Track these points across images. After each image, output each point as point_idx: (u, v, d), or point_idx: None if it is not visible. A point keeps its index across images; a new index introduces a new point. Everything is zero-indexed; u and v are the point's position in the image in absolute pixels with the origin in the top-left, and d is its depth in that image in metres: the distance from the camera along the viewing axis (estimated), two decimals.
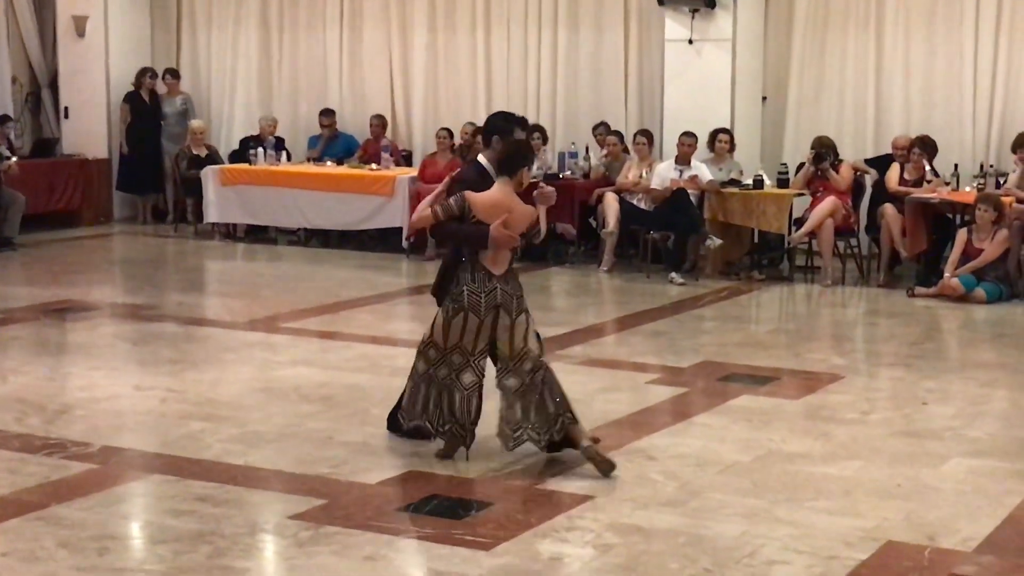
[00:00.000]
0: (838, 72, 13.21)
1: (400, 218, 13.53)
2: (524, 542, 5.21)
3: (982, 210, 10.93)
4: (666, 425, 7.09)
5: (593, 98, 14.21)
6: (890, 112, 13.00)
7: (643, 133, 12.90)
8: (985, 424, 7.11)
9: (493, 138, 6.45)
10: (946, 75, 12.75)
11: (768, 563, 5.02)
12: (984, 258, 10.88)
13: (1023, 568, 4.96)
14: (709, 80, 12.91)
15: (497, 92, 14.75)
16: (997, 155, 12.39)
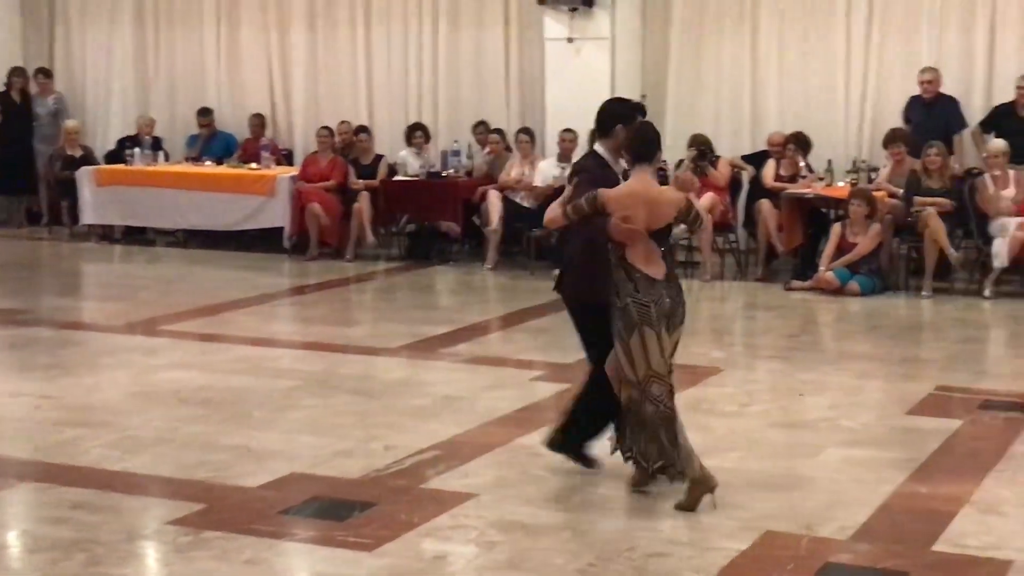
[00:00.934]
0: (715, 70, 13.39)
1: (281, 217, 13.43)
2: (407, 542, 5.20)
3: (855, 205, 11.17)
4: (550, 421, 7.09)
5: (475, 96, 14.23)
6: (766, 109, 13.22)
7: (525, 131, 12.95)
8: (859, 414, 7.26)
9: (617, 127, 5.87)
10: (820, 73, 12.99)
11: (648, 556, 5.07)
12: (858, 252, 11.12)
13: (897, 554, 5.06)
14: (589, 78, 12.97)
15: (378, 90, 14.70)
16: (869, 151, 12.65)
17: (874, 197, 11.28)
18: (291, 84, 15.05)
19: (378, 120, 14.60)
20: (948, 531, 5.29)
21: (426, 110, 14.44)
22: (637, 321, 5.50)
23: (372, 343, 9.26)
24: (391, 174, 13.44)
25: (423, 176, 13.30)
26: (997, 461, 6.27)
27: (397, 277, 12.53)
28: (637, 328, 5.50)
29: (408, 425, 6.99)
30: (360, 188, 13.23)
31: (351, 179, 13.35)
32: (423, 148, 13.55)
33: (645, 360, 5.53)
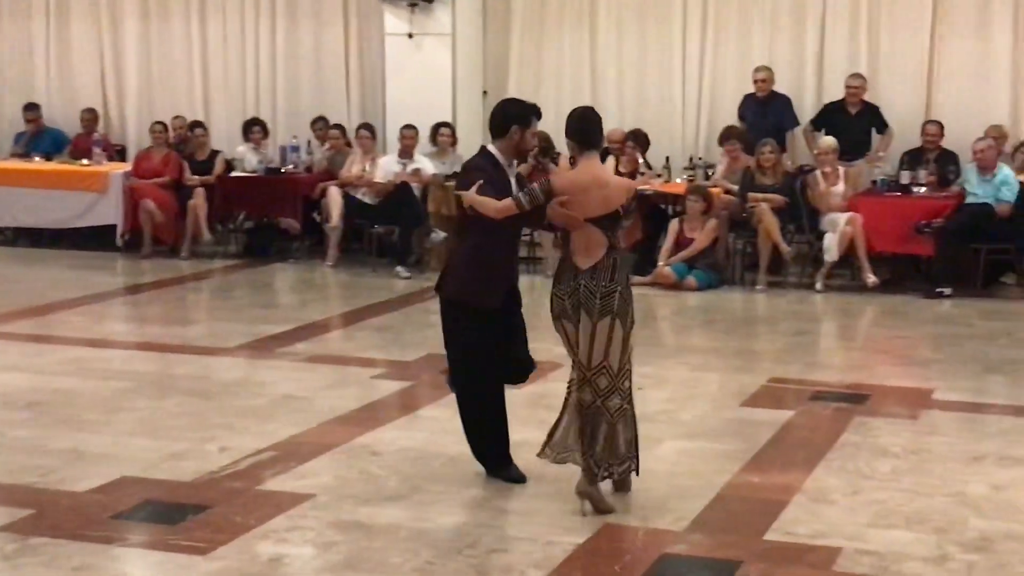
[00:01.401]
0: (555, 68, 13.48)
1: (114, 215, 13.12)
2: (243, 545, 5.11)
3: (692, 201, 11.36)
4: (391, 419, 7.08)
5: (314, 91, 14.10)
6: (605, 107, 13.30)
7: (366, 127, 12.85)
8: (696, 407, 7.38)
9: (512, 127, 5.79)
10: (657, 72, 13.18)
11: (489, 552, 5.08)
12: (695, 247, 11.31)
13: (731, 544, 5.15)
14: (430, 74, 12.97)
15: (214, 85, 14.46)
16: (706, 148, 12.89)
17: (710, 193, 11.49)
18: (124, 78, 14.72)
19: (215, 115, 14.36)
20: (780, 520, 5.41)
21: (264, 105, 14.25)
22: (556, 314, 5.57)
23: (208, 343, 9.09)
24: (228, 170, 13.22)
25: (261, 172, 13.11)
26: (827, 451, 6.43)
27: (235, 275, 12.33)
28: (558, 320, 5.57)
29: (244, 426, 6.87)
30: (196, 184, 12.98)
31: (186, 175, 13.10)
32: (261, 144, 13.36)
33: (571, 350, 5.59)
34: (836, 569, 4.88)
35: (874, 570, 4.89)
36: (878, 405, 7.34)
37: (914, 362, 8.77)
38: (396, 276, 11.78)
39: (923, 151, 11.86)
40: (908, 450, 6.47)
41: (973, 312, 10.28)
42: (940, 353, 8.93)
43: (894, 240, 11.23)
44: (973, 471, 6.13)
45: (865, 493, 5.79)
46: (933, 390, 7.70)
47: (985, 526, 5.35)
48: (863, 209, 11.21)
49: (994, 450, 6.47)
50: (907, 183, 11.48)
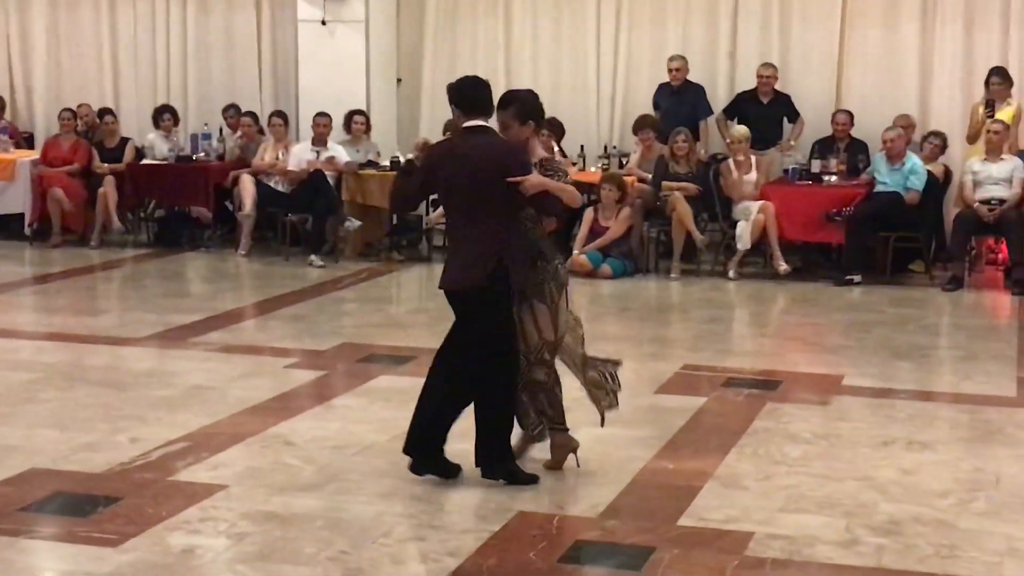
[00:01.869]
0: (470, 55, 13.46)
1: (22, 203, 12.90)
2: (154, 536, 5.05)
3: (606, 189, 11.41)
4: (305, 409, 7.03)
5: (226, 78, 13.96)
6: None
7: (278, 114, 12.75)
8: None
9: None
10: (572, 60, 13.22)
11: (404, 541, 5.07)
12: (609, 235, 11.36)
13: (644, 530, 5.18)
14: (343, 61, 12.90)
15: (124, 71, 14.28)
16: (620, 137, 12.96)
17: (624, 182, 11.55)
18: (31, 65, 14.49)
19: (124, 102, 14.17)
20: (693, 506, 5.45)
21: (175, 92, 14.08)
22: (564, 281, 5.74)
23: (119, 333, 8.97)
24: (138, 158, 13.05)
25: (172, 160, 12.96)
26: (740, 436, 6.50)
27: (146, 264, 12.17)
28: (564, 287, 5.74)
29: (156, 417, 6.79)
30: (105, 172, 12.80)
31: (95, 163, 12.91)
32: (171, 131, 13.20)
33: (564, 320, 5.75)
34: (748, 553, 4.94)
35: (785, 554, 4.95)
36: (789, 391, 7.44)
37: (824, 349, 8.90)
38: (310, 265, 11.71)
39: (833, 140, 12.03)
40: (818, 435, 6.56)
41: (882, 299, 10.44)
42: (850, 340, 9.06)
43: (805, 228, 11.38)
44: (882, 456, 6.24)
45: (776, 478, 5.86)
46: (843, 376, 7.81)
47: (894, 510, 5.45)
48: (775, 197, 11.34)
49: (903, 435, 6.58)
50: (818, 172, 11.64)
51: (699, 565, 4.81)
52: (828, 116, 12.20)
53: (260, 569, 4.76)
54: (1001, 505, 5.53)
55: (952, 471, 6.01)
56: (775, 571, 4.79)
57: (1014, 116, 11.48)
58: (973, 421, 6.92)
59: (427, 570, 4.81)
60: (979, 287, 11.15)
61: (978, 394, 7.47)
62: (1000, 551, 4.99)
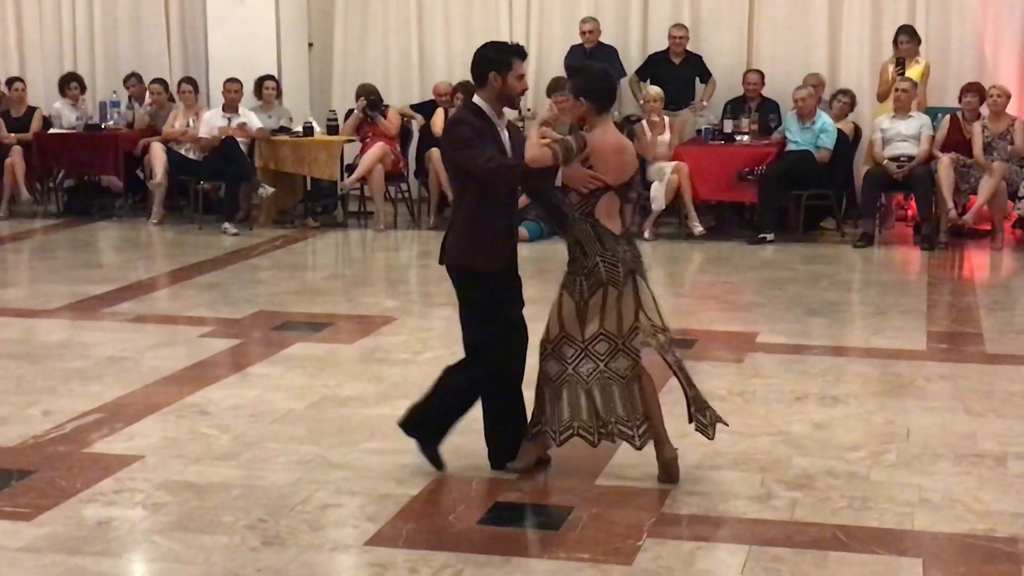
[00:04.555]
0: (382, 20, 13.37)
1: None
2: (69, 509, 4.99)
3: None
4: (221, 378, 6.97)
5: (134, 45, 13.74)
6: (433, 59, 13.31)
7: (188, 81, 12.59)
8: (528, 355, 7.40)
9: (490, 74, 5.22)
10: (484, 22, 13.16)
11: (322, 507, 5.06)
12: (523, 199, 11.33)
13: (562, 491, 5.22)
14: (253, 26, 12.74)
15: (29, 38, 13.98)
16: (535, 99, 12.93)
17: None
18: None
19: (30, 71, 13.88)
20: (610, 465, 5.49)
21: (82, 60, 13.83)
22: (605, 280, 5.21)
23: (29, 304, 8.83)
24: (46, 127, 12.81)
25: (80, 129, 12.74)
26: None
27: (55, 235, 11.97)
28: (603, 288, 5.21)
29: (69, 389, 6.70)
30: (12, 142, 12.56)
31: (2, 133, 12.65)
32: (79, 100, 12.97)
33: (600, 320, 5.23)
34: (665, 511, 4.99)
35: (701, 510, 5.01)
36: (704, 350, 7.51)
37: (739, 307, 8.99)
38: (223, 233, 11.60)
39: (745, 100, 12.12)
40: (733, 392, 6.64)
41: (795, 257, 10.57)
42: (763, 297, 9.17)
43: (718, 188, 11.48)
44: (795, 411, 6.33)
45: (692, 436, 5.87)
46: (757, 334, 7.91)
47: (807, 464, 5.53)
48: (688, 158, 11.41)
49: (815, 390, 6.68)
50: (730, 132, 11.73)
51: (617, 523, 4.85)
52: (739, 76, 12.29)
53: (177, 539, 4.73)
54: (911, 457, 5.64)
55: (864, 425, 6.11)
56: (691, 527, 4.86)
57: (922, 74, 11.64)
58: (884, 375, 7.04)
59: (346, 535, 4.80)
60: (889, 243, 11.32)
61: (889, 348, 7.60)
62: (911, 502, 5.09)
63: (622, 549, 4.63)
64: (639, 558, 4.56)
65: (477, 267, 5.36)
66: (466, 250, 5.35)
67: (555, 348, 5.35)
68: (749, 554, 4.59)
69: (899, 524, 4.89)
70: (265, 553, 4.62)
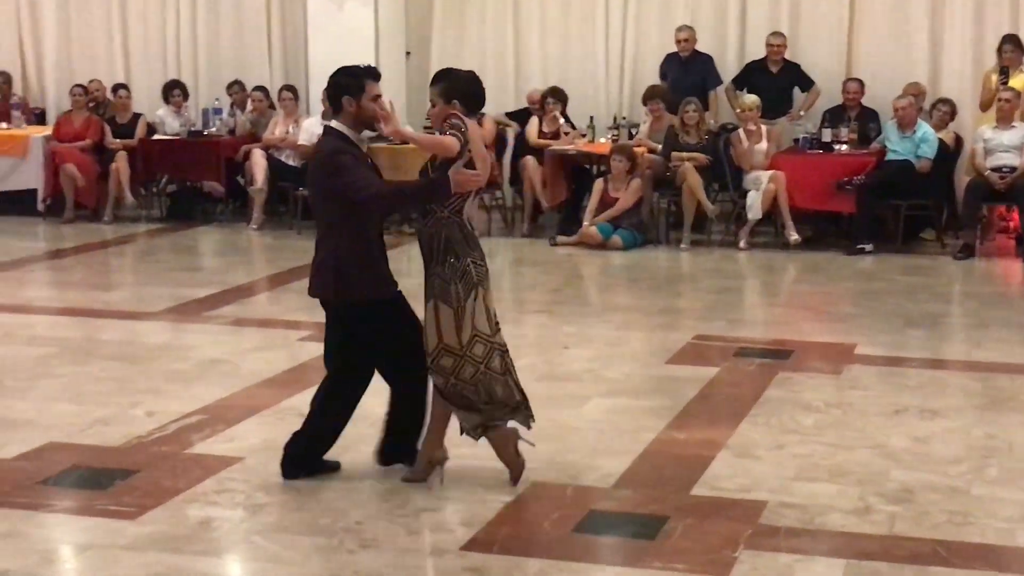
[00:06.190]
0: (478, 28, 13.44)
1: (35, 179, 12.93)
2: (171, 508, 5.09)
3: (616, 160, 11.40)
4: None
5: (236, 53, 13.94)
6: (528, 67, 13.35)
7: (288, 88, 12.76)
8: (621, 365, 7.44)
9: (344, 99, 5.40)
10: (580, 31, 13.18)
11: (418, 512, 5.10)
12: (620, 206, 11.36)
13: (657, 500, 5.21)
14: (352, 35, 12.85)
15: (134, 47, 14.26)
16: (629, 107, 12.93)
17: (634, 153, 11.55)
18: (42, 41, 14.46)
19: (135, 78, 14.16)
20: (705, 475, 5.48)
21: (185, 67, 14.08)
22: (475, 281, 5.23)
23: (133, 307, 9.01)
24: (150, 133, 13.06)
25: (183, 135, 12.97)
26: (751, 406, 6.51)
27: (158, 239, 12.21)
28: (475, 289, 5.23)
29: (171, 390, 6.83)
30: (118, 148, 12.83)
31: (108, 138, 12.93)
32: (181, 107, 13.21)
33: (472, 322, 5.22)
34: (761, 522, 4.96)
35: (798, 523, 4.97)
36: (801, 361, 7.45)
37: (836, 318, 8.90)
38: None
39: (844, 109, 12.00)
40: (831, 404, 6.58)
41: (893, 268, 10.44)
42: (861, 308, 9.07)
43: (816, 197, 11.36)
44: (894, 424, 6.25)
45: (789, 447, 5.88)
46: (855, 345, 7.82)
47: (906, 477, 5.47)
48: (785, 167, 11.32)
49: (914, 403, 6.60)
50: (829, 141, 11.61)
51: (712, 534, 4.84)
52: (838, 85, 12.16)
53: (276, 540, 4.80)
54: (1013, 472, 5.55)
55: (964, 438, 6.03)
56: (788, 540, 4.82)
57: None
58: (985, 388, 6.93)
59: (442, 540, 4.84)
60: (990, 255, 11.13)
61: (990, 361, 7.48)
62: (1013, 517, 5.01)
63: (718, 560, 4.61)
64: (735, 570, 4.54)
65: (374, 296, 5.32)
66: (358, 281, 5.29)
67: (435, 361, 5.27)
68: (847, 568, 4.55)
69: (1001, 540, 4.81)
70: (362, 556, 4.67)
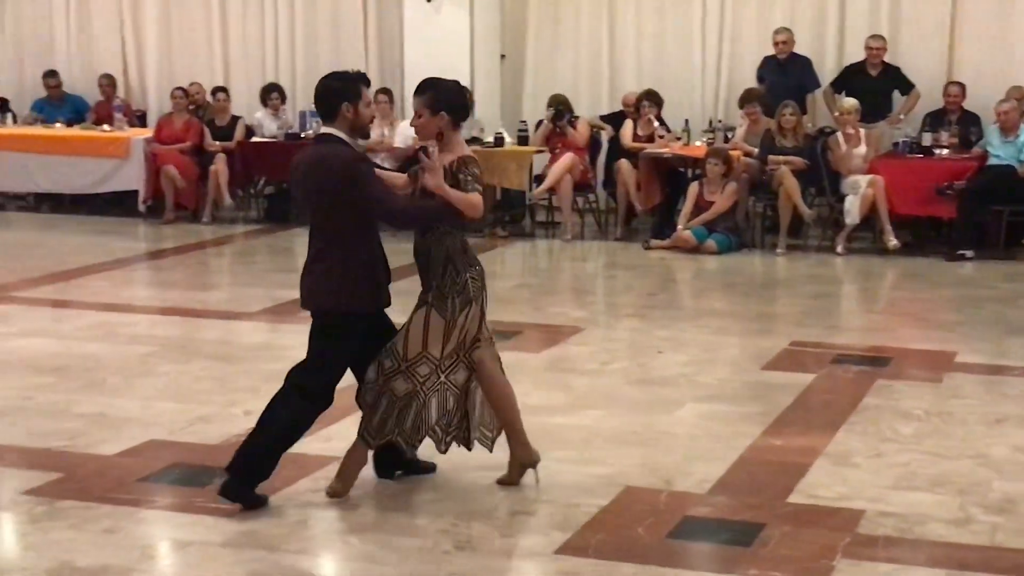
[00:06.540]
0: (573, 31, 13.44)
1: (136, 180, 13.16)
2: (269, 507, 5.14)
3: (712, 164, 11.33)
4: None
5: (332, 55, 14.05)
6: (623, 70, 13.32)
7: (384, 91, 12.84)
8: (716, 370, 7.39)
9: (343, 105, 5.26)
10: (676, 34, 13.13)
11: (512, 514, 5.11)
12: (715, 210, 11.29)
13: (753, 507, 5.17)
14: (448, 37, 12.93)
15: (233, 49, 14.46)
16: (725, 111, 12.85)
17: (730, 156, 11.46)
18: (144, 44, 14.72)
19: (234, 81, 14.36)
20: (802, 483, 5.42)
21: (283, 70, 14.25)
22: (471, 297, 5.21)
23: (230, 307, 9.13)
24: (248, 135, 13.24)
25: (281, 138, 13.13)
26: (849, 414, 6.44)
27: (256, 240, 12.36)
28: (469, 305, 5.20)
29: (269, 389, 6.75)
30: (217, 150, 13.01)
31: (207, 140, 13.13)
32: (279, 110, 13.37)
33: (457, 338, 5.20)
34: (860, 531, 4.90)
35: (897, 532, 4.90)
36: (900, 368, 7.34)
37: (936, 325, 8.75)
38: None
39: (945, 112, 11.82)
40: (930, 413, 6.48)
41: (995, 274, 10.25)
42: (962, 315, 8.91)
43: (916, 202, 11.19)
44: (995, 433, 6.14)
45: (888, 456, 5.80)
46: (955, 353, 7.69)
47: (1008, 488, 5.36)
48: (884, 171, 11.17)
49: (1016, 412, 6.47)
50: (929, 145, 11.44)
51: (810, 543, 4.78)
52: (939, 88, 11.97)
53: (372, 540, 4.84)
54: None
55: None
56: (887, 549, 4.75)
57: None
58: None
59: (536, 543, 4.84)
60: None
61: None
62: None
63: (815, 569, 4.56)
64: None
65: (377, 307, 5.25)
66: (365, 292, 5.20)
67: (410, 367, 5.18)
68: None
69: None
70: (457, 557, 4.69)
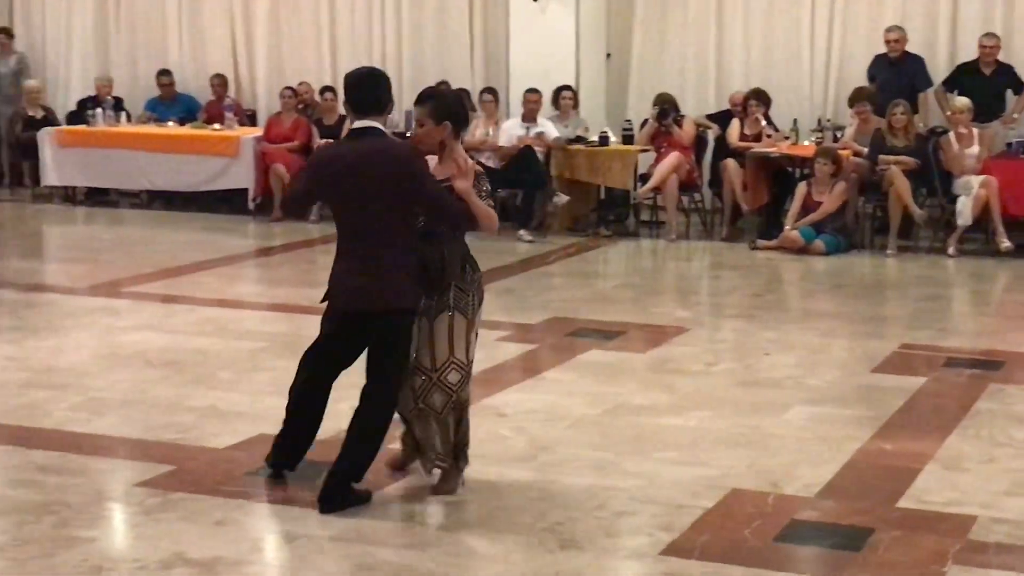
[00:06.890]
0: (680, 29, 13.36)
1: (246, 179, 13.36)
2: (377, 501, 5.21)
3: (821, 163, 11.20)
4: (516, 382, 7.13)
5: (438, 55, 14.16)
6: (730, 68, 13.21)
7: (489, 91, 12.90)
8: (824, 372, 7.30)
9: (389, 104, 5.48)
10: (785, 32, 12.99)
11: (617, 514, 5.10)
12: (823, 210, 11.16)
13: (862, 511, 5.11)
14: (554, 37, 12.95)
15: (342, 50, 14.60)
16: (834, 110, 12.69)
17: (839, 156, 11.32)
18: (254, 44, 14.92)
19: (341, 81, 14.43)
20: (912, 487, 5.34)
21: (390, 70, 14.29)
22: (482, 296, 5.29)
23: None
24: None
25: None
26: (961, 418, 6.33)
27: None
28: (481, 304, 5.27)
29: None
30: None
31: (315, 140, 13.28)
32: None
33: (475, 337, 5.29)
34: (971, 537, 4.82)
35: (1010, 539, 4.81)
36: (1013, 372, 7.21)
37: None
38: (519, 240, 11.82)
39: None
40: None
41: None
42: None
43: None
44: None
45: (1000, 461, 5.69)
46: None
47: None
48: (998, 172, 10.95)
49: None
50: None
51: (920, 548, 4.71)
52: None
53: (479, 536, 4.87)
54: None
55: None
56: (999, 556, 4.67)
57: None
58: None
59: (641, 544, 4.83)
60: None
61: None
62: None
63: (926, 575, 4.49)
64: None
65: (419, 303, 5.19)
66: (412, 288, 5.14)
67: (441, 376, 5.20)
68: None
69: None
70: (562, 556, 4.70)
